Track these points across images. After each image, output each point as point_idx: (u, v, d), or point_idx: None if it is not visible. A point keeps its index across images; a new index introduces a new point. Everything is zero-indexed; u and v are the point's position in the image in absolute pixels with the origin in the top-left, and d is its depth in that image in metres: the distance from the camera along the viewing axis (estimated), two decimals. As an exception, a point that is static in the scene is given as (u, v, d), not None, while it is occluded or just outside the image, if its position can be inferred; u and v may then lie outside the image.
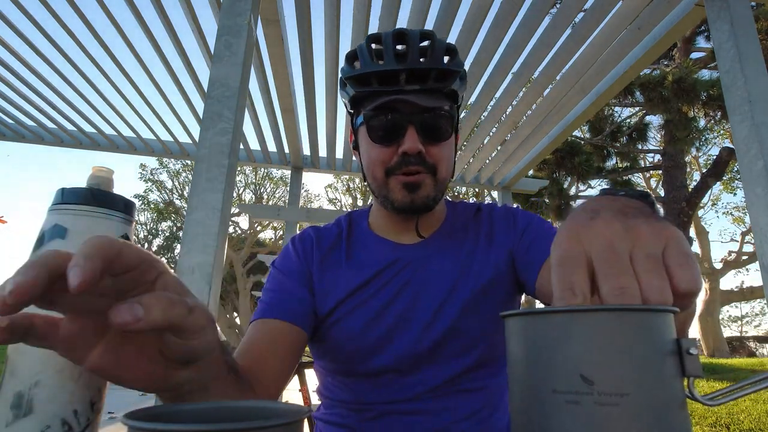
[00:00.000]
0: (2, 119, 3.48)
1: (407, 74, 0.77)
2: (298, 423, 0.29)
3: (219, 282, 1.37)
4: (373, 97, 0.79)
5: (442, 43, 0.80)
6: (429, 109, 0.78)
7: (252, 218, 18.21)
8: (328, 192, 23.18)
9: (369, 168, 0.83)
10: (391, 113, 0.78)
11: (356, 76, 0.79)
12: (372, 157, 0.81)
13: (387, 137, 0.79)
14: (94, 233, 0.62)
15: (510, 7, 2.09)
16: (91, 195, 0.62)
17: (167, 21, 2.25)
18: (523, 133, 3.28)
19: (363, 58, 0.80)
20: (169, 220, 23.63)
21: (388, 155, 0.79)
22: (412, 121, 0.77)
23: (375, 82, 0.78)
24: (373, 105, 0.78)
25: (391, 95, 0.77)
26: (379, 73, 0.78)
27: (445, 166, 0.81)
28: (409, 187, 0.79)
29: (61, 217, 0.64)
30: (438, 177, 0.80)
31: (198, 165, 1.38)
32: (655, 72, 7.91)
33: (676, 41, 4.80)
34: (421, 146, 0.77)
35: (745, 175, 1.55)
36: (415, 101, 0.76)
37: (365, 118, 0.80)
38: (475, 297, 0.80)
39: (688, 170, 12.42)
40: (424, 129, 0.78)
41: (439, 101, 0.79)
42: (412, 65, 0.76)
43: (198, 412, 0.35)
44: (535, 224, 0.86)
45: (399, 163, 0.78)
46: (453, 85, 0.80)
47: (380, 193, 0.82)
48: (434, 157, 0.79)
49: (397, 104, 0.78)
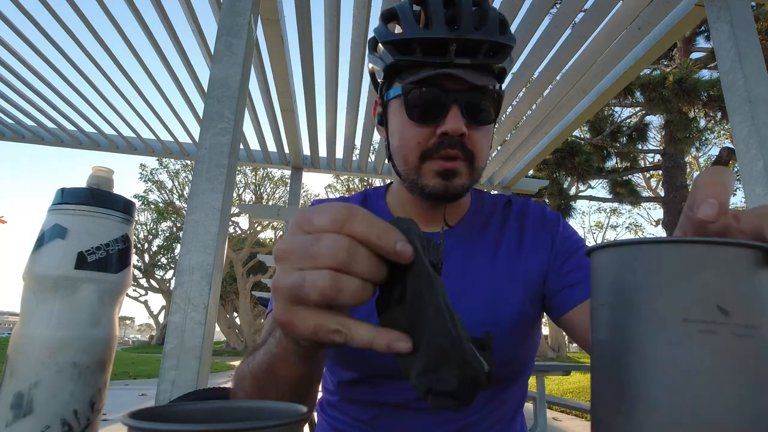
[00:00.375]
0: (2, 119, 3.49)
1: (458, 45, 0.67)
2: (298, 423, 0.29)
3: (219, 282, 1.38)
4: (416, 68, 0.69)
5: (494, 12, 0.71)
6: (477, 87, 0.69)
7: (252, 218, 18.23)
8: (328, 192, 23.16)
9: (400, 149, 0.74)
10: (435, 88, 0.69)
11: (398, 41, 0.69)
12: (406, 137, 0.72)
13: (427, 115, 0.70)
14: (94, 233, 0.62)
15: (510, 7, 2.09)
16: (91, 195, 0.62)
17: (167, 21, 2.26)
18: (523, 133, 3.28)
19: (406, 19, 0.70)
20: (169, 220, 23.63)
21: (426, 136, 0.70)
22: (457, 99, 0.68)
23: (419, 50, 0.68)
24: (415, 77, 0.69)
25: (438, 68, 0.68)
26: (426, 40, 0.67)
27: (484, 153, 0.73)
28: (444, 174, 0.70)
29: (61, 216, 0.64)
30: (475, 165, 0.72)
31: (198, 165, 1.38)
32: (655, 72, 7.91)
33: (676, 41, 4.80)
34: (464, 128, 0.69)
35: (745, 175, 1.55)
36: (464, 77, 0.67)
37: (404, 91, 0.70)
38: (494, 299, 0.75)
39: (688, 170, 12.42)
40: (469, 109, 0.69)
41: (488, 79, 0.70)
42: (465, 34, 0.66)
43: (198, 412, 0.35)
44: (571, 243, 0.79)
45: (437, 146, 0.70)
46: (504, 62, 0.71)
47: (409, 178, 0.74)
48: (475, 142, 0.71)
49: (441, 79, 0.69)
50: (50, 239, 0.59)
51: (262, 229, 22.23)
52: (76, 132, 3.62)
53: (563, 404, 4.26)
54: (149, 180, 21.99)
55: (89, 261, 0.59)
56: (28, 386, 0.48)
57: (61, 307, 0.56)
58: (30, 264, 0.59)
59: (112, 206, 0.63)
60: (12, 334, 0.57)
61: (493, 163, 3.90)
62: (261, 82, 2.76)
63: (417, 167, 0.72)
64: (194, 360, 1.22)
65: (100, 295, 0.59)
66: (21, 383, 0.48)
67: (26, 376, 0.48)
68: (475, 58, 0.68)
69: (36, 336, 0.53)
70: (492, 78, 0.72)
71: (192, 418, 0.35)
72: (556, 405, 5.22)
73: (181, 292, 1.27)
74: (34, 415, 0.47)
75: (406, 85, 0.70)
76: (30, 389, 0.48)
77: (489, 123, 0.72)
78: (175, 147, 3.79)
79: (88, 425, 0.49)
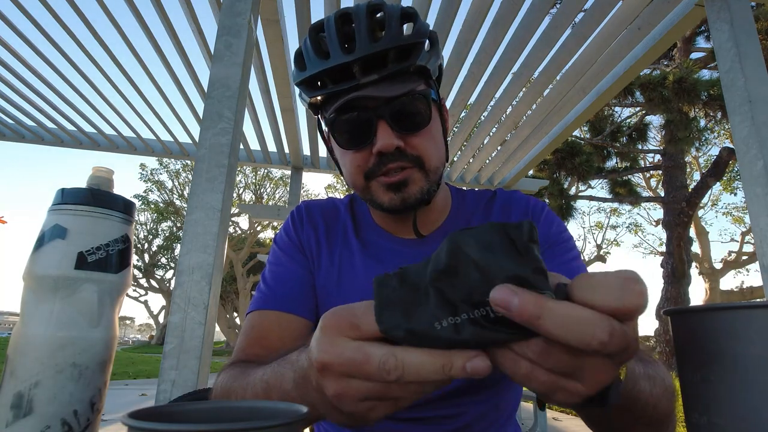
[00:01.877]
0: (2, 119, 3.48)
1: (361, 64, 0.65)
2: (298, 423, 0.29)
3: (219, 282, 1.37)
4: (334, 98, 0.69)
5: (395, 13, 0.68)
6: (395, 97, 0.67)
7: (252, 218, 18.21)
8: (328, 192, 23.15)
9: (347, 175, 0.74)
10: (356, 112, 0.68)
11: (305, 79, 0.69)
12: (347, 164, 0.72)
13: (357, 140, 0.69)
14: (94, 233, 0.62)
15: (510, 7, 2.09)
16: (90, 195, 0.62)
17: (167, 21, 2.25)
18: (523, 133, 3.28)
19: (308, 56, 0.69)
20: (169, 220, 23.63)
21: (363, 158, 0.70)
22: (381, 115, 0.67)
23: (328, 81, 0.68)
24: (331, 108, 0.69)
25: (349, 93, 0.66)
26: (329, 70, 0.66)
27: (432, 154, 0.71)
28: (394, 187, 0.69)
29: (61, 217, 0.64)
30: (427, 168, 0.70)
31: (198, 165, 1.38)
32: (655, 72, 7.91)
33: (676, 41, 4.80)
34: (398, 140, 0.67)
35: (745, 175, 1.55)
36: (376, 94, 0.66)
37: (328, 123, 0.71)
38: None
39: (688, 170, 12.43)
40: (397, 120, 0.67)
41: (405, 85, 0.67)
42: (363, 52, 0.64)
43: (198, 412, 0.35)
44: (551, 234, 0.76)
45: (377, 165, 0.69)
46: (420, 60, 0.67)
47: (366, 198, 0.74)
48: (416, 147, 0.69)
49: (359, 101, 0.67)
50: (50, 239, 0.59)
51: (262, 229, 22.22)
52: (76, 132, 3.62)
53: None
54: (149, 180, 21.99)
55: (89, 261, 0.59)
56: (28, 386, 0.48)
57: (61, 307, 0.56)
58: (30, 264, 0.59)
59: (112, 206, 0.63)
60: (12, 334, 0.57)
61: (493, 163, 3.90)
62: (261, 82, 2.76)
63: (366, 187, 0.72)
64: (194, 360, 1.22)
65: (100, 295, 0.59)
66: (21, 383, 0.48)
67: (26, 376, 0.48)
68: (384, 70, 0.66)
69: (36, 336, 0.53)
70: (412, 80, 0.69)
71: (192, 418, 0.35)
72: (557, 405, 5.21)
73: (181, 292, 1.27)
74: (34, 415, 0.47)
75: (328, 117, 0.70)
76: (30, 389, 0.48)
77: (425, 125, 0.70)
78: (175, 147, 3.79)
79: (88, 425, 0.49)
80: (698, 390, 0.28)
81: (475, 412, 0.74)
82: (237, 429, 0.26)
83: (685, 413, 0.30)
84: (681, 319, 0.29)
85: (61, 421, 0.47)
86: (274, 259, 0.81)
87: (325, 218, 0.84)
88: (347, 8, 0.70)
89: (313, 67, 0.68)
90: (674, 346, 0.30)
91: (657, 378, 0.48)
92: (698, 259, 14.54)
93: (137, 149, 3.79)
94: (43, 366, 0.49)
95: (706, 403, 0.27)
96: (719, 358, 0.26)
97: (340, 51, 0.66)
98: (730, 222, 20.05)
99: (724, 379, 0.26)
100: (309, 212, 0.85)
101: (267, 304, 0.74)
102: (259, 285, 0.79)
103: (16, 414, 0.46)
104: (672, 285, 8.15)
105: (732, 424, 0.26)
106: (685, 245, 8.22)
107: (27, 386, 0.47)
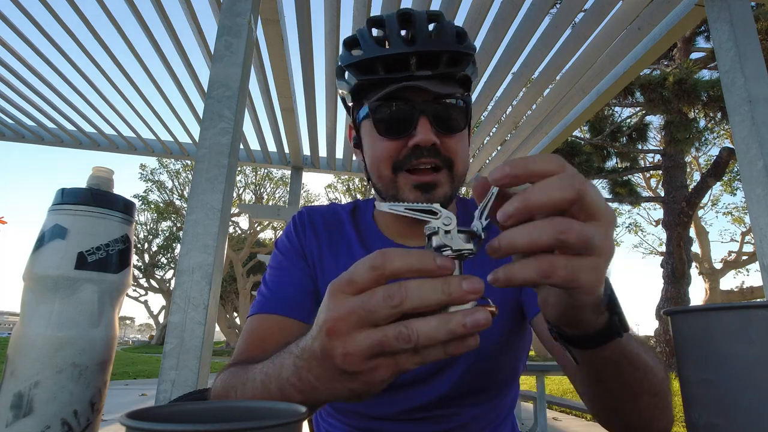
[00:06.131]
0: (2, 119, 3.48)
1: (417, 58, 0.68)
2: (298, 423, 0.29)
3: (219, 282, 1.38)
4: (380, 85, 0.71)
5: (451, 25, 0.73)
6: (443, 96, 0.70)
7: (252, 218, 18.20)
8: (328, 192, 23.15)
9: (374, 164, 0.74)
10: (401, 102, 0.70)
11: (359, 62, 0.71)
12: (377, 153, 0.73)
13: (396, 129, 0.71)
14: (94, 233, 0.62)
15: (510, 7, 2.09)
16: (90, 195, 0.62)
17: (167, 21, 2.26)
18: (523, 133, 3.28)
19: (365, 42, 0.72)
20: (169, 220, 23.63)
21: (396, 149, 0.71)
22: (424, 110, 0.69)
23: (381, 68, 0.70)
24: (379, 94, 0.70)
25: (400, 82, 0.69)
26: (385, 57, 0.69)
27: (462, 159, 0.73)
28: (424, 187, 0.71)
29: (61, 217, 0.64)
30: (455, 172, 0.73)
31: (198, 165, 1.38)
32: (655, 72, 7.91)
33: (676, 41, 4.80)
34: (436, 138, 0.69)
35: (745, 175, 1.55)
36: (428, 87, 0.68)
37: (371, 109, 0.72)
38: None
39: (688, 170, 12.43)
40: (438, 119, 0.70)
41: (452, 87, 0.72)
42: (423, 47, 0.68)
43: (198, 412, 0.35)
44: None
45: (408, 157, 0.70)
46: (467, 70, 0.73)
47: (388, 193, 0.74)
48: (450, 149, 0.71)
49: (406, 92, 0.70)
50: (50, 239, 0.59)
51: (262, 229, 22.22)
52: (76, 132, 3.62)
53: (563, 404, 4.26)
54: (149, 180, 22.00)
55: (89, 261, 0.59)
56: (28, 386, 0.48)
57: (61, 307, 0.56)
58: (30, 264, 0.59)
59: (112, 206, 0.63)
60: (12, 334, 0.57)
61: (493, 163, 3.90)
62: (261, 82, 2.76)
63: (392, 180, 0.73)
64: (194, 360, 1.22)
65: (100, 295, 0.59)
66: (21, 383, 0.48)
67: (26, 376, 0.48)
68: (437, 69, 0.70)
69: (36, 336, 0.53)
70: (456, 86, 0.73)
71: (192, 418, 0.35)
72: (556, 405, 5.22)
73: (181, 292, 1.27)
74: (34, 415, 0.47)
75: (372, 103, 0.71)
76: (30, 389, 0.48)
77: (460, 131, 0.73)
78: (175, 147, 3.79)
79: (88, 425, 0.49)
80: (698, 390, 0.28)
81: (471, 414, 0.75)
82: (236, 429, 0.26)
83: (685, 413, 0.29)
84: (681, 319, 0.29)
85: (61, 421, 0.47)
86: (276, 263, 0.82)
87: (327, 226, 0.85)
88: (408, 9, 0.74)
89: (371, 51, 0.70)
90: (674, 346, 0.30)
91: (650, 353, 0.52)
92: (698, 259, 14.54)
93: (137, 149, 3.79)
94: (43, 366, 0.49)
95: (705, 403, 0.27)
96: (719, 358, 0.26)
97: (402, 42, 0.69)
98: (730, 222, 20.05)
99: (724, 379, 0.26)
100: (311, 219, 0.85)
101: (267, 308, 0.75)
102: (260, 288, 0.79)
103: (16, 414, 0.46)
104: (672, 285, 8.15)
105: (732, 424, 0.25)
106: (685, 245, 8.23)
107: (27, 386, 0.47)
